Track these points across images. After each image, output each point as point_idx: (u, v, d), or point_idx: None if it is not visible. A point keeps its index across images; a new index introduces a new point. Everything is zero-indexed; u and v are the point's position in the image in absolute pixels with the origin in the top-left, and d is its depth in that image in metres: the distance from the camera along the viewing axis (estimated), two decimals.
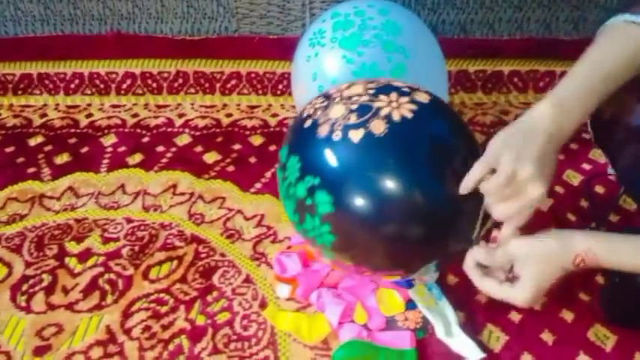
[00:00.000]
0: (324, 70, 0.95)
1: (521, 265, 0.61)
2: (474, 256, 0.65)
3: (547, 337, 0.82)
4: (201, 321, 0.85)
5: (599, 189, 1.08)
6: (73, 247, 0.98)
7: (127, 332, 0.83)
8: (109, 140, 1.25)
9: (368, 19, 0.95)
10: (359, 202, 0.64)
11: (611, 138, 0.72)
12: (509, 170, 0.59)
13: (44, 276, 0.92)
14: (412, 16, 1.04)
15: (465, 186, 0.63)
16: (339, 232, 0.67)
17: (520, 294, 0.60)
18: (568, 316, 0.84)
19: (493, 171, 0.61)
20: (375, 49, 0.92)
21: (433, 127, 0.67)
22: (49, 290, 0.90)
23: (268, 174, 1.13)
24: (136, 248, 0.97)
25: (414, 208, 0.64)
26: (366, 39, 0.93)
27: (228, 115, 1.32)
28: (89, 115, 1.33)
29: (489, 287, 0.63)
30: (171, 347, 0.81)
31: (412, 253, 0.69)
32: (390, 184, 0.63)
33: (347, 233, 0.67)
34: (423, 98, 0.69)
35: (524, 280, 0.60)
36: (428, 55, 1.00)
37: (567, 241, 0.59)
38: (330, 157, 0.66)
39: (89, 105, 1.37)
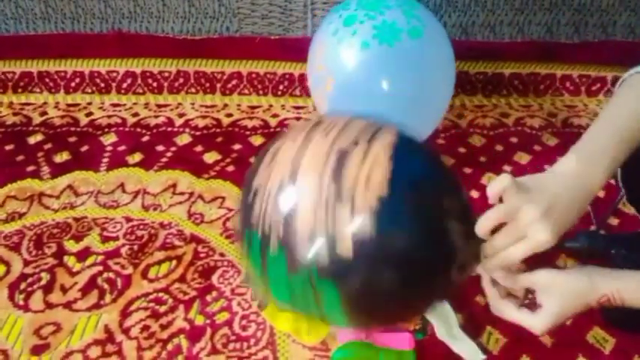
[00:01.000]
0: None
1: (546, 295, 0.59)
2: (493, 274, 0.62)
3: (546, 339, 0.82)
4: (200, 321, 0.85)
5: (600, 192, 1.08)
6: (71, 246, 0.97)
7: (126, 332, 0.83)
8: (109, 139, 1.24)
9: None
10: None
11: None
12: (513, 205, 0.55)
13: (43, 274, 0.92)
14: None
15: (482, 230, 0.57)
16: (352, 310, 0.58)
17: (540, 323, 0.58)
18: None
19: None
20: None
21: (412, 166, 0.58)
22: (48, 289, 0.90)
23: None
24: (135, 247, 0.97)
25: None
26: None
27: (229, 115, 1.32)
28: (89, 114, 1.33)
29: (506, 310, 0.61)
30: (169, 347, 0.81)
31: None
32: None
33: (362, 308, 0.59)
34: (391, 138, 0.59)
35: (546, 311, 0.58)
36: (441, 34, 1.08)
37: (595, 280, 0.58)
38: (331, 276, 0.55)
39: (89, 104, 1.37)
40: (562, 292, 0.58)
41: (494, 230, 0.57)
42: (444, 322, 0.81)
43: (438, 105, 1.09)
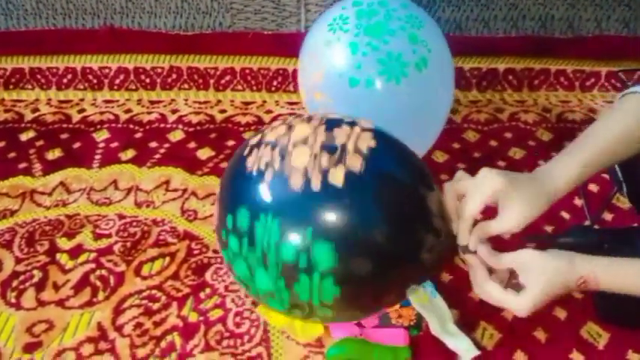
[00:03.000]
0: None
1: (528, 275, 0.61)
2: (480, 253, 0.64)
3: (540, 334, 0.82)
4: (193, 318, 0.84)
5: (593, 187, 1.08)
6: (64, 243, 0.97)
7: (119, 329, 0.83)
8: (101, 136, 1.23)
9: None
10: (363, 246, 0.60)
11: None
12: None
13: (35, 272, 0.91)
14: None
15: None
16: (345, 283, 0.61)
17: (524, 303, 0.61)
18: (561, 313, 0.84)
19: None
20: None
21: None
22: (40, 286, 0.89)
23: None
24: (128, 244, 0.96)
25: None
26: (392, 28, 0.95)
27: (222, 111, 1.32)
28: (81, 111, 1.32)
29: (493, 291, 0.63)
30: (163, 344, 0.80)
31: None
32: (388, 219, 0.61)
33: (353, 282, 0.62)
34: (370, 124, 0.66)
35: (530, 290, 0.60)
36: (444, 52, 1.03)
37: (573, 262, 0.60)
38: (319, 208, 0.59)
39: (82, 100, 1.36)
40: (543, 271, 0.60)
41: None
42: (439, 317, 0.81)
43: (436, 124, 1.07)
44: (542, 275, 0.60)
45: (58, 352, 0.80)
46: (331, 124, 0.64)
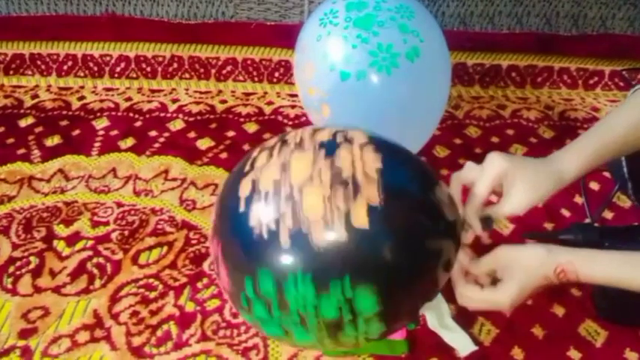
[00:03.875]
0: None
1: (505, 269, 0.61)
2: (460, 261, 0.64)
3: (538, 331, 0.81)
4: (190, 307, 0.84)
5: (594, 185, 1.08)
6: (61, 230, 0.96)
7: (115, 317, 0.82)
8: (101, 123, 1.23)
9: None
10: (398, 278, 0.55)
11: None
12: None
13: (31, 258, 0.91)
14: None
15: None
16: (389, 320, 0.58)
17: (502, 296, 0.60)
18: (559, 310, 0.84)
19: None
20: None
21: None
22: (36, 273, 0.89)
23: None
24: (126, 233, 0.96)
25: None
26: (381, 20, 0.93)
27: (223, 102, 1.31)
28: (81, 98, 1.31)
29: (472, 293, 0.62)
30: (159, 333, 0.80)
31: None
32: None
33: (393, 313, 0.58)
34: (364, 136, 0.60)
35: (507, 283, 0.60)
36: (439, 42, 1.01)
37: (551, 252, 0.60)
38: (352, 254, 0.53)
39: (82, 87, 1.35)
40: (520, 264, 0.60)
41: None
42: (436, 312, 0.81)
43: (433, 117, 1.06)
44: (519, 269, 0.60)
45: (54, 338, 0.79)
46: (330, 149, 0.56)
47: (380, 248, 0.54)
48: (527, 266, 0.60)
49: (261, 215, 0.54)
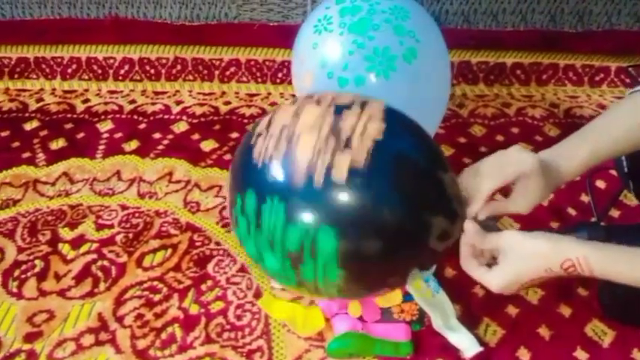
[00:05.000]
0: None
1: (503, 255, 0.60)
2: (468, 231, 0.64)
3: (544, 331, 0.81)
4: (194, 310, 0.84)
5: (600, 184, 1.07)
6: (66, 234, 0.96)
7: (120, 320, 0.82)
8: (105, 126, 1.23)
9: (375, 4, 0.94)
10: (369, 228, 0.59)
11: None
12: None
13: (37, 262, 0.91)
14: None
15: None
16: (349, 265, 0.61)
17: (492, 280, 0.60)
18: (565, 310, 0.84)
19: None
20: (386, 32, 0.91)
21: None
22: (41, 276, 0.89)
23: None
24: (130, 235, 0.96)
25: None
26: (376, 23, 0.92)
27: (227, 103, 1.31)
28: (86, 101, 1.32)
29: (470, 266, 0.63)
30: (163, 336, 0.80)
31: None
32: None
33: (357, 264, 0.61)
34: (381, 105, 0.65)
35: (500, 269, 0.60)
36: (437, 42, 1.00)
37: (560, 245, 0.58)
38: (328, 198, 0.59)
39: (86, 90, 1.36)
40: (520, 253, 0.59)
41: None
42: (441, 313, 0.80)
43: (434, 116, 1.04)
44: (517, 258, 0.59)
45: (59, 342, 0.80)
46: (340, 110, 0.62)
47: (353, 201, 0.58)
48: (528, 256, 0.58)
49: (263, 148, 0.63)
